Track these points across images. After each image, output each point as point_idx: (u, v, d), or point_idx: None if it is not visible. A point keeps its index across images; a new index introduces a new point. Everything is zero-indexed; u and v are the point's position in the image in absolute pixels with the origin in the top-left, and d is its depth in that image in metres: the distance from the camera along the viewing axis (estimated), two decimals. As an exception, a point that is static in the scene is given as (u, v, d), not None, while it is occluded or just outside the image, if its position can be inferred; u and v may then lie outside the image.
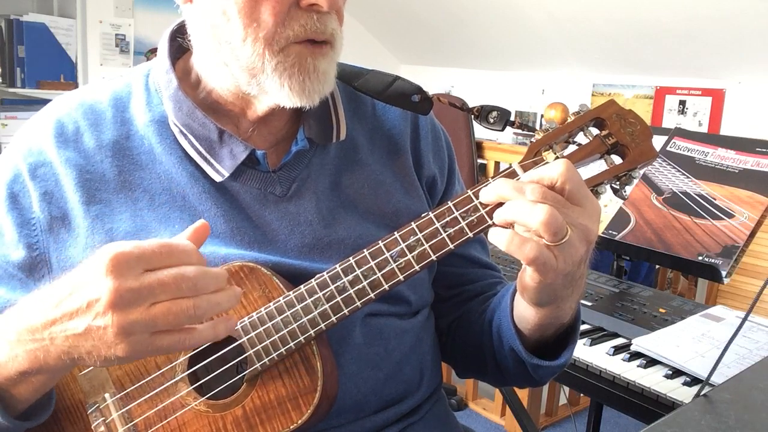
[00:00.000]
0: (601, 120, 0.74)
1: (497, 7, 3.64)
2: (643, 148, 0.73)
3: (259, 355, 0.75)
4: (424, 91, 0.86)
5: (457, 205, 0.73)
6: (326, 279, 0.75)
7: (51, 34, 3.59)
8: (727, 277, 1.33)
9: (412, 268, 0.73)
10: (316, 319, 0.75)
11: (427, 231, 0.73)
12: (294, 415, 0.75)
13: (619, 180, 0.74)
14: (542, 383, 0.93)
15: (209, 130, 0.82)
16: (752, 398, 0.77)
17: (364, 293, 0.74)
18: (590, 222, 0.68)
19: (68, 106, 0.86)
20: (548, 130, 0.74)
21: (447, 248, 0.73)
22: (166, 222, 0.81)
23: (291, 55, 0.76)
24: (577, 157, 0.73)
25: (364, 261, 0.75)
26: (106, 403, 0.78)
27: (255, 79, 0.78)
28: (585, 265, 0.73)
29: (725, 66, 3.18)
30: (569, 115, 0.75)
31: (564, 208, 0.67)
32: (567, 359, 0.85)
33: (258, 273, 0.77)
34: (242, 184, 0.84)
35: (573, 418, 2.71)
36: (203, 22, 0.80)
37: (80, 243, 0.80)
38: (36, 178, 0.81)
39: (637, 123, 0.74)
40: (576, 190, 0.68)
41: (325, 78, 0.79)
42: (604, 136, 0.74)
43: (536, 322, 0.80)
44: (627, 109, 0.75)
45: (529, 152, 0.74)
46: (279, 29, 0.75)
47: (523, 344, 0.84)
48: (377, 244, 0.74)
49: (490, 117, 0.83)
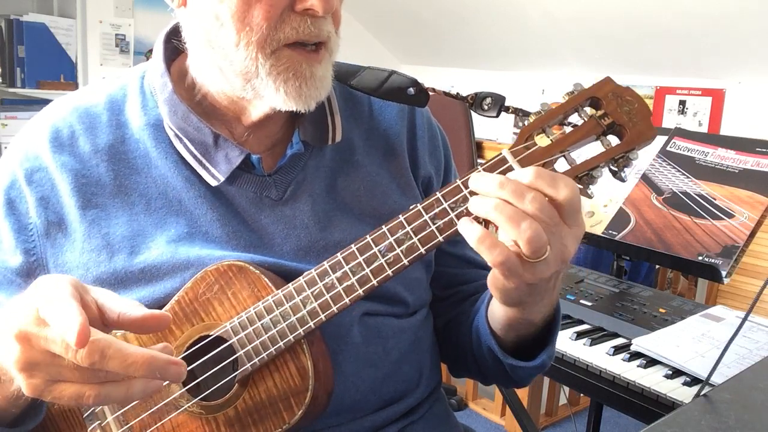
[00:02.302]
0: (597, 99, 0.71)
1: (497, 6, 3.63)
2: (641, 128, 0.70)
3: (249, 355, 0.75)
4: (419, 83, 0.85)
5: (446, 195, 0.71)
6: (314, 276, 0.74)
7: (51, 34, 3.59)
8: (727, 277, 1.33)
9: (401, 262, 0.72)
10: (305, 318, 0.74)
11: (415, 224, 0.71)
12: (286, 415, 0.75)
13: (617, 162, 0.71)
14: (523, 384, 0.93)
15: (204, 135, 0.82)
16: (752, 398, 0.77)
17: (353, 290, 0.73)
18: (571, 243, 0.67)
19: (63, 110, 0.86)
20: (541, 113, 0.71)
21: (436, 240, 0.71)
22: (163, 226, 0.81)
23: (283, 59, 0.75)
24: (571, 140, 0.70)
25: (352, 257, 0.73)
26: (101, 407, 0.78)
27: (250, 83, 0.77)
28: (556, 281, 0.72)
29: (725, 66, 3.18)
30: (563, 96, 0.71)
31: (554, 226, 0.65)
32: (545, 360, 0.84)
33: (246, 272, 0.77)
34: (238, 188, 0.83)
35: (573, 418, 2.70)
36: (197, 27, 0.79)
37: (77, 248, 0.80)
38: (32, 183, 0.81)
39: (634, 101, 0.70)
40: (572, 212, 0.66)
41: (322, 83, 0.78)
42: (600, 117, 0.70)
43: (505, 322, 0.80)
44: (624, 86, 0.71)
45: (520, 137, 0.70)
46: (271, 33, 0.74)
47: (500, 344, 0.84)
48: (365, 239, 0.73)
49: (484, 104, 0.81)
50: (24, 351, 0.59)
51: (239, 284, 0.77)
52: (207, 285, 0.77)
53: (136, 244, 0.80)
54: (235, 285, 0.77)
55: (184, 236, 0.80)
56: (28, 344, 0.59)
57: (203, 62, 0.82)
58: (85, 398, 0.60)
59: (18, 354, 0.59)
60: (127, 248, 0.79)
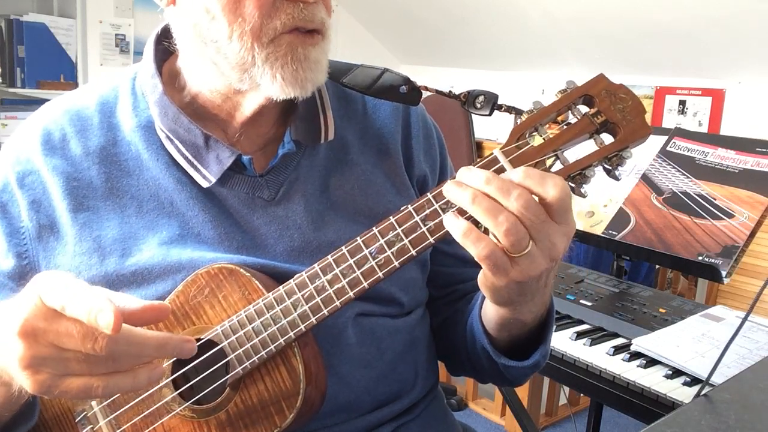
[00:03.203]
0: (590, 97, 0.69)
1: (497, 6, 3.63)
2: (635, 126, 0.68)
3: (240, 359, 0.74)
4: (411, 82, 0.84)
5: (436, 196, 0.70)
6: (305, 279, 0.73)
7: (51, 34, 3.59)
8: (727, 277, 1.33)
9: (392, 264, 0.71)
10: (296, 321, 0.73)
11: (406, 225, 0.70)
12: (278, 418, 0.74)
13: (610, 161, 0.69)
14: (517, 383, 0.92)
15: (195, 136, 0.81)
16: (752, 398, 0.77)
17: (344, 292, 0.72)
18: (560, 241, 0.66)
19: (55, 112, 0.85)
20: (533, 112, 0.70)
21: (427, 242, 0.70)
22: (155, 228, 0.80)
23: (282, 44, 0.75)
24: (563, 139, 0.69)
25: (342, 259, 0.72)
26: (93, 411, 0.78)
27: (246, 73, 0.77)
28: (547, 279, 0.72)
29: (725, 66, 3.18)
30: (555, 94, 0.70)
31: (541, 223, 0.64)
32: (538, 360, 0.84)
33: (237, 275, 0.76)
34: (230, 189, 0.83)
35: (573, 418, 2.70)
36: (187, 23, 0.79)
37: (68, 251, 0.80)
38: (24, 186, 0.81)
39: (628, 98, 0.69)
40: (562, 210, 0.65)
41: (318, 67, 0.77)
42: (593, 115, 0.68)
43: (497, 321, 0.80)
44: (618, 83, 0.70)
45: (511, 136, 0.69)
46: (265, 21, 0.74)
47: (494, 343, 0.83)
48: (356, 241, 0.72)
49: (476, 102, 0.81)
50: (29, 347, 0.59)
51: (230, 287, 0.76)
52: (198, 288, 0.77)
53: (128, 246, 0.79)
54: (226, 288, 0.76)
55: (176, 238, 0.80)
56: (33, 340, 0.59)
57: (195, 60, 0.81)
58: (93, 390, 0.60)
59: (22, 351, 0.59)
60: (118, 251, 0.79)
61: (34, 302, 0.59)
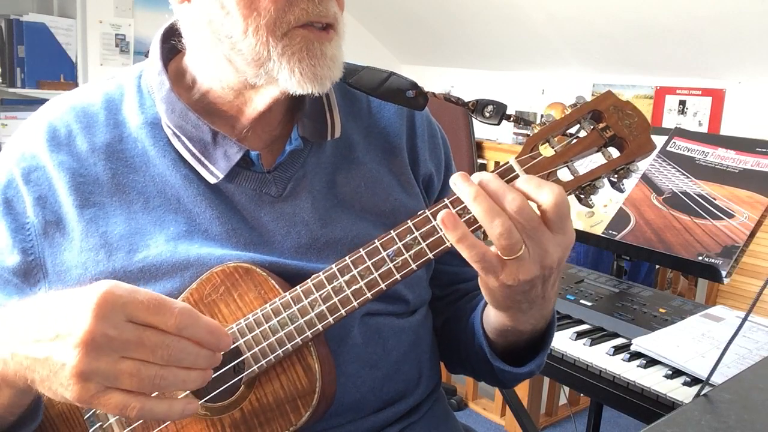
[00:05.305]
0: (599, 112, 0.73)
1: (497, 6, 3.63)
2: (641, 141, 0.72)
3: (256, 357, 0.75)
4: (418, 87, 0.85)
5: (453, 202, 0.72)
6: (322, 279, 0.74)
7: (51, 34, 3.59)
8: (727, 277, 1.33)
9: (409, 266, 0.73)
10: (313, 321, 0.74)
11: (423, 229, 0.72)
12: (293, 417, 0.75)
13: (617, 174, 0.73)
14: (510, 386, 0.94)
15: (203, 132, 0.81)
16: (752, 398, 0.77)
17: (361, 293, 0.74)
18: (553, 249, 0.68)
19: (60, 109, 0.85)
20: (545, 124, 0.73)
21: (444, 246, 0.72)
22: (161, 225, 0.80)
23: (296, 38, 0.76)
24: (574, 151, 0.72)
25: (360, 261, 0.74)
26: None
27: (263, 68, 0.77)
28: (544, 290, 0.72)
29: (725, 66, 3.18)
30: (566, 108, 0.74)
31: (534, 230, 0.67)
32: (532, 369, 0.85)
33: (253, 274, 0.77)
34: (237, 185, 0.83)
35: (573, 418, 2.70)
36: (200, 20, 0.79)
37: (75, 247, 0.79)
38: (29, 182, 0.81)
39: (634, 115, 0.73)
40: (558, 220, 0.67)
41: (334, 63, 0.78)
42: (602, 129, 0.72)
43: (495, 326, 0.81)
44: (624, 100, 0.74)
45: (526, 147, 0.73)
46: (280, 15, 0.74)
47: (491, 346, 0.84)
48: (374, 243, 0.74)
49: (485, 111, 0.82)
50: (87, 357, 0.58)
51: (246, 286, 0.77)
52: (213, 286, 0.77)
53: (135, 242, 0.79)
54: (242, 287, 0.77)
55: (183, 234, 0.80)
56: (96, 349, 0.58)
57: (208, 57, 0.82)
58: (129, 409, 0.60)
59: (78, 359, 0.58)
60: (125, 247, 0.79)
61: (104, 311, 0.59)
